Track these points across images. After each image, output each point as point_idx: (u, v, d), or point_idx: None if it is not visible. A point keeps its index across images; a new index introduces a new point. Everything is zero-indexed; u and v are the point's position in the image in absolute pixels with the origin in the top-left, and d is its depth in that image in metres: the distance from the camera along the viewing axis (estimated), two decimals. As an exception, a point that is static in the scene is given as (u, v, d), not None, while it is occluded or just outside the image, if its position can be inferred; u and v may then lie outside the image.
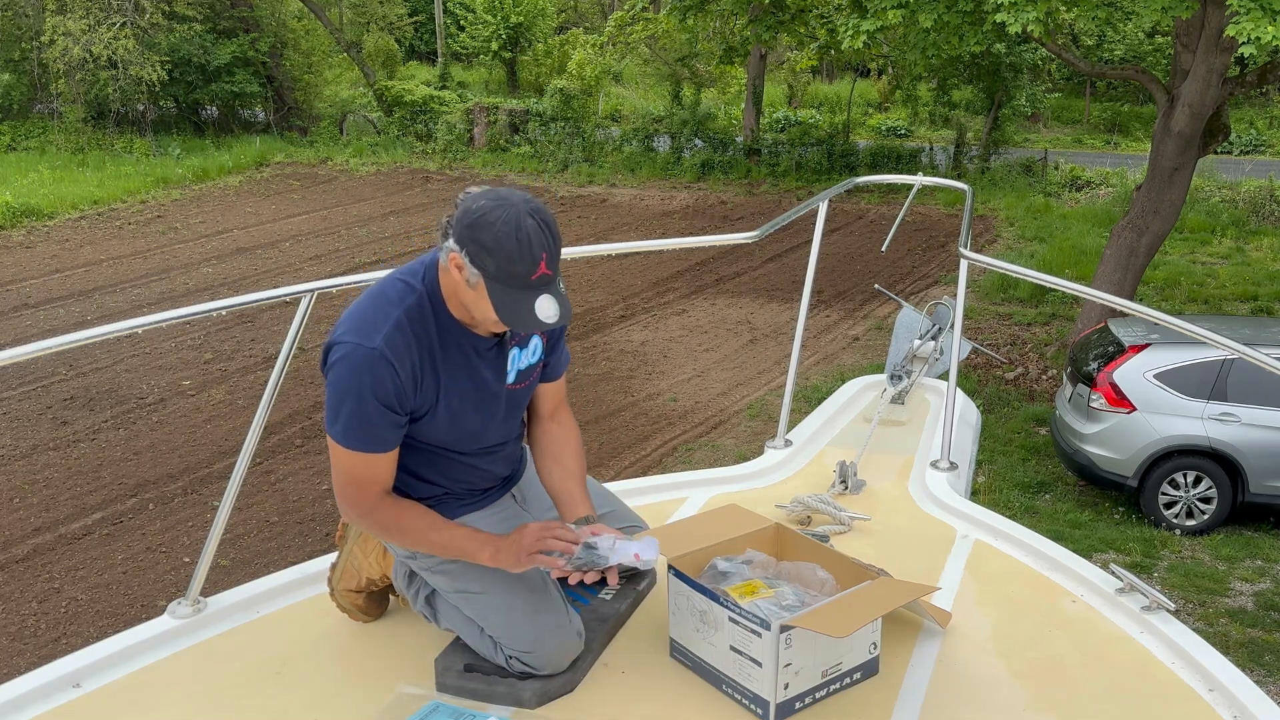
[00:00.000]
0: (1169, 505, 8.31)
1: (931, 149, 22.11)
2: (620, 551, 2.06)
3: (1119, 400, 8.23)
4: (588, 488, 2.35)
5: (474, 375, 2.13)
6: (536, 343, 2.26)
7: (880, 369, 4.40)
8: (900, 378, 3.82)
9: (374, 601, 2.44)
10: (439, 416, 2.11)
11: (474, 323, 2.08)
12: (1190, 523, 8.27)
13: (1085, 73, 16.28)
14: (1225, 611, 6.97)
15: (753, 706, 2.09)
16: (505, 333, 2.15)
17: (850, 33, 10.64)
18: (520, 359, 2.22)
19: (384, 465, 2.09)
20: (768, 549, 2.43)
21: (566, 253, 3.47)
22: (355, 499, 2.09)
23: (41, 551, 7.65)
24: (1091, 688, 2.20)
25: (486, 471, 2.28)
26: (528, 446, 2.44)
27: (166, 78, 22.75)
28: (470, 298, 2.00)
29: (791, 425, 3.54)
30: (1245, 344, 2.75)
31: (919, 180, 4.09)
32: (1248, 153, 24.97)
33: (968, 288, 5.81)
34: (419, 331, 2.05)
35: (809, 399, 9.28)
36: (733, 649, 2.11)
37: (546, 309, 1.95)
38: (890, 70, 25.80)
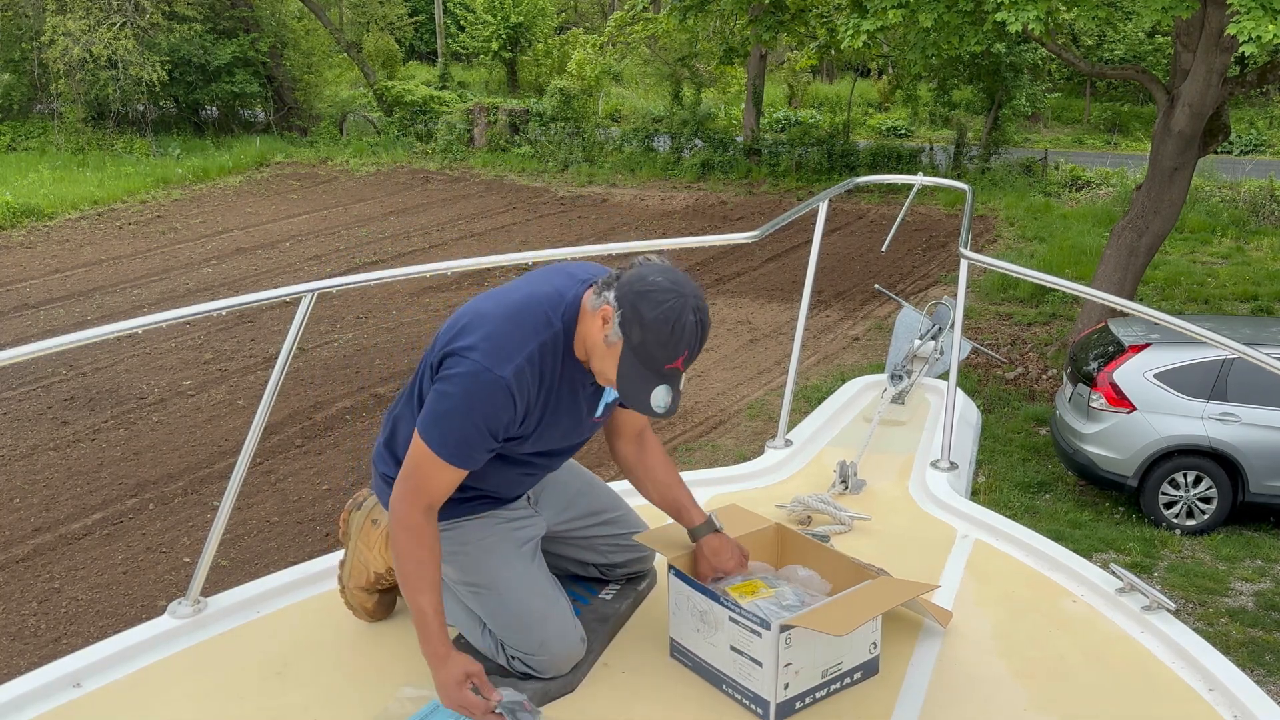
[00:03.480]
0: (1169, 505, 8.30)
1: (931, 149, 22.10)
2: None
3: (1119, 400, 8.22)
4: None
5: (574, 410, 2.17)
6: None
7: (880, 369, 4.39)
8: (900, 378, 3.82)
9: (382, 604, 2.44)
10: (527, 443, 2.14)
11: (588, 365, 2.11)
12: (1190, 523, 8.26)
13: (1085, 73, 16.26)
14: (1225, 611, 6.97)
15: (753, 706, 2.09)
16: None
17: (850, 33, 10.63)
18: (609, 394, 2.25)
19: (451, 480, 2.09)
20: (768, 549, 2.43)
21: (566, 253, 3.49)
22: (409, 499, 2.07)
23: (41, 551, 7.65)
24: (1092, 688, 2.20)
25: (528, 482, 2.32)
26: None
27: (166, 78, 22.73)
28: (601, 351, 2.02)
29: (791, 425, 3.54)
30: (1245, 344, 2.74)
31: (919, 180, 4.08)
32: (1248, 153, 24.97)
33: (968, 288, 5.80)
34: (545, 370, 2.06)
35: (809, 399, 9.27)
36: (733, 649, 2.11)
37: (661, 398, 1.98)
38: (890, 70, 25.81)
